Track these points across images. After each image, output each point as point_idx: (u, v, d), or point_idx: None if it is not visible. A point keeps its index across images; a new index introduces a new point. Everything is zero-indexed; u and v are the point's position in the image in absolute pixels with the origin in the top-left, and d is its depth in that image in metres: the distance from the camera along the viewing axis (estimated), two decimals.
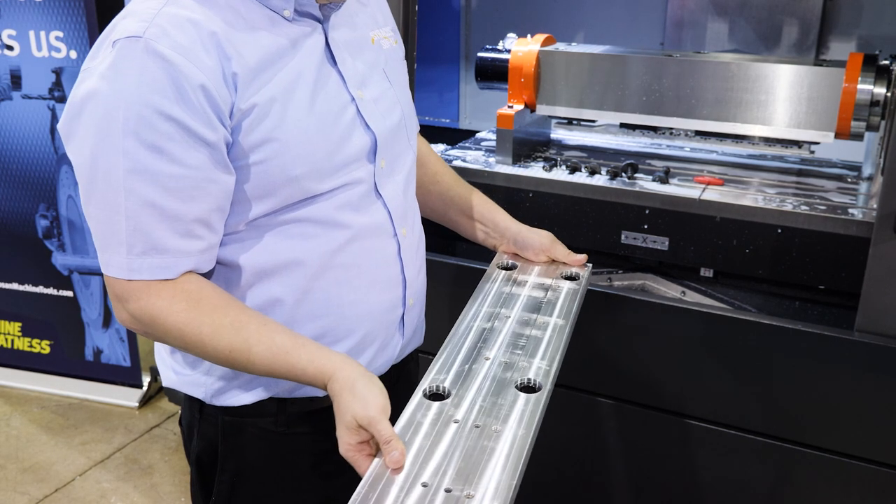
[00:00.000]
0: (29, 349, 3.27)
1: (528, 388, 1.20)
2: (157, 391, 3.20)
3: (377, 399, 1.04)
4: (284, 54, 1.11)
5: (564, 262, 1.54)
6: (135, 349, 3.13)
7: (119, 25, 1.06)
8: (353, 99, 1.20)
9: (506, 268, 1.54)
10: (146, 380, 3.18)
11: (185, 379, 1.25)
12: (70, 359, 3.23)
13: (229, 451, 1.26)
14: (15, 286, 3.20)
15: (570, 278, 1.52)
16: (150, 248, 1.05)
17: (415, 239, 1.35)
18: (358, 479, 1.02)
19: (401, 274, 1.29)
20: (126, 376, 3.18)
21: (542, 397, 1.17)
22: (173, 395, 3.01)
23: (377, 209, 1.25)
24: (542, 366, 1.25)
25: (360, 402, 1.03)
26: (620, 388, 2.12)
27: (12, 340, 3.28)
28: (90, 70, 1.06)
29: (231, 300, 1.11)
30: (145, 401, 3.16)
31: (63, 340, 3.22)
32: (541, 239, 1.53)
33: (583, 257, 1.54)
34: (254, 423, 1.25)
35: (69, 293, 3.14)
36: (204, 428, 1.27)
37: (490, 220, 1.56)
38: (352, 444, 1.04)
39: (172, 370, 1.27)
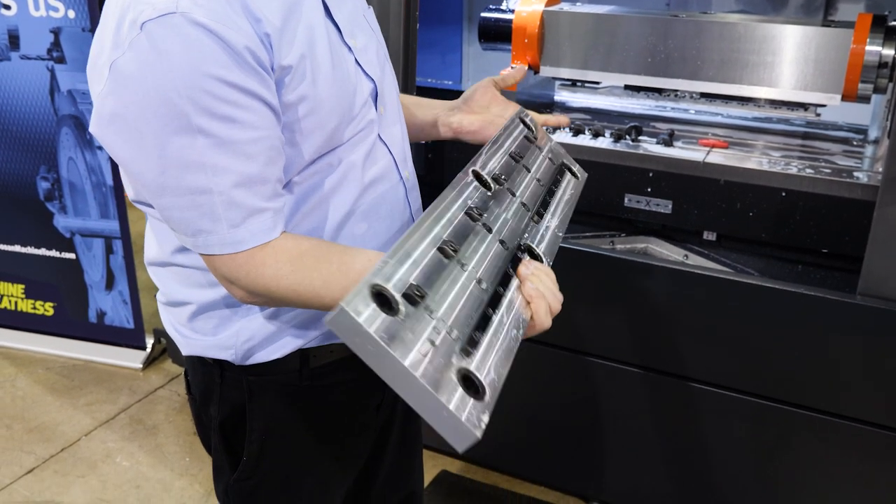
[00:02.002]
0: (33, 311, 3.28)
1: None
2: (160, 353, 3.22)
3: None
4: (295, 11, 1.11)
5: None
6: (138, 311, 3.14)
7: (135, 6, 1.00)
8: (350, 49, 1.21)
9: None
10: (150, 342, 3.20)
11: (209, 343, 1.24)
12: (74, 321, 3.24)
13: (256, 411, 1.27)
14: (17, 248, 3.21)
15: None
16: (247, 214, 1.04)
17: (414, 182, 1.37)
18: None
19: (411, 217, 1.31)
20: (130, 338, 3.19)
21: None
22: (177, 356, 3.03)
23: (384, 154, 1.26)
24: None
25: None
26: (621, 350, 2.13)
27: (16, 302, 3.29)
28: (122, 60, 0.99)
29: (328, 245, 1.12)
30: (149, 362, 3.18)
31: (66, 302, 3.23)
32: (475, 86, 1.51)
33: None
34: (278, 380, 1.26)
35: (71, 255, 3.14)
36: (226, 392, 1.27)
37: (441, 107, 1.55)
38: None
39: (191, 338, 1.26)
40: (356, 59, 1.21)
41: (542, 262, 1.10)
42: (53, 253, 3.17)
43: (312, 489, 1.35)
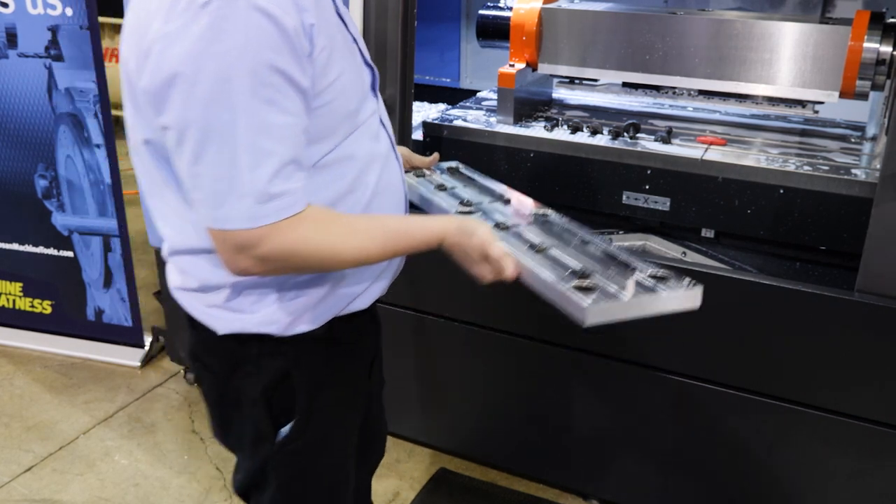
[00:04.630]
0: (30, 309, 3.28)
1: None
2: (159, 351, 3.22)
3: (481, 228, 1.25)
4: (320, 4, 1.17)
5: (422, 166, 1.72)
6: (136, 309, 3.14)
7: None
8: (355, 40, 1.29)
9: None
10: (148, 340, 3.19)
11: (250, 320, 1.30)
12: (72, 319, 3.24)
13: (301, 372, 1.34)
14: (15, 246, 3.20)
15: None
16: (274, 193, 1.11)
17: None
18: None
19: (404, 193, 1.41)
20: (128, 336, 3.19)
21: None
22: (175, 354, 3.03)
23: (384, 137, 1.35)
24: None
25: (471, 237, 1.24)
26: (619, 348, 2.13)
27: (14, 301, 3.29)
28: (178, 34, 1.05)
29: (334, 212, 1.23)
30: (147, 360, 3.17)
31: (64, 300, 3.23)
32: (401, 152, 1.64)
33: (434, 157, 1.72)
34: (313, 340, 1.34)
35: (69, 253, 3.14)
36: (265, 362, 1.33)
37: None
38: (488, 275, 1.25)
39: (229, 318, 1.31)
40: (360, 50, 1.30)
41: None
42: (51, 251, 3.17)
43: (342, 439, 1.44)
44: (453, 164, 1.74)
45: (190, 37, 1.04)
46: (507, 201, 1.56)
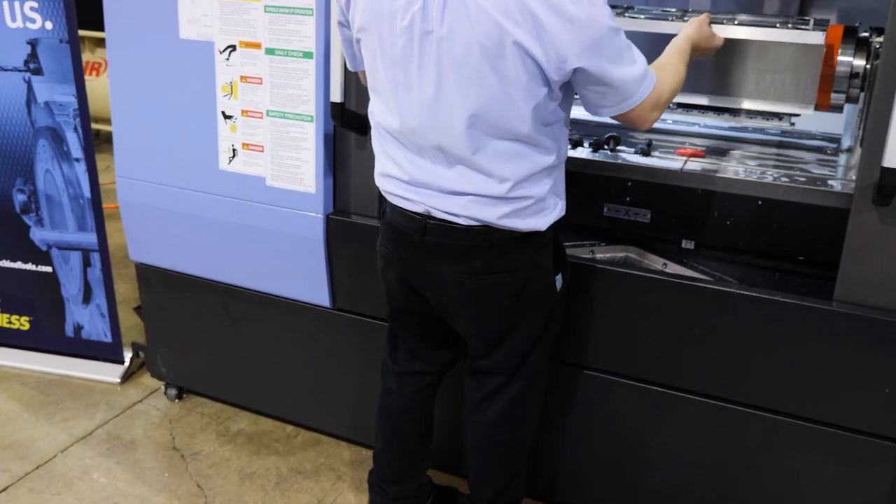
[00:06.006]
0: (8, 325, 3.24)
1: None
2: (138, 367, 3.19)
3: (703, 18, 1.97)
4: None
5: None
6: (116, 325, 3.11)
7: None
8: None
9: None
10: (128, 356, 3.16)
11: (559, 208, 1.80)
12: (50, 335, 3.20)
13: (557, 235, 1.89)
14: None
15: None
16: (646, 65, 1.68)
17: None
18: None
19: None
20: (107, 352, 3.16)
21: None
22: (156, 369, 3.01)
23: None
24: None
25: (702, 24, 1.94)
26: (602, 359, 2.14)
27: None
28: (579, 9, 1.54)
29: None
30: (127, 377, 3.14)
31: (43, 316, 3.19)
32: None
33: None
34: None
35: (48, 269, 3.11)
36: (550, 239, 1.84)
37: None
38: (720, 42, 1.98)
39: (549, 213, 1.77)
40: None
41: None
42: (30, 266, 3.14)
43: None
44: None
45: (589, 7, 1.55)
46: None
